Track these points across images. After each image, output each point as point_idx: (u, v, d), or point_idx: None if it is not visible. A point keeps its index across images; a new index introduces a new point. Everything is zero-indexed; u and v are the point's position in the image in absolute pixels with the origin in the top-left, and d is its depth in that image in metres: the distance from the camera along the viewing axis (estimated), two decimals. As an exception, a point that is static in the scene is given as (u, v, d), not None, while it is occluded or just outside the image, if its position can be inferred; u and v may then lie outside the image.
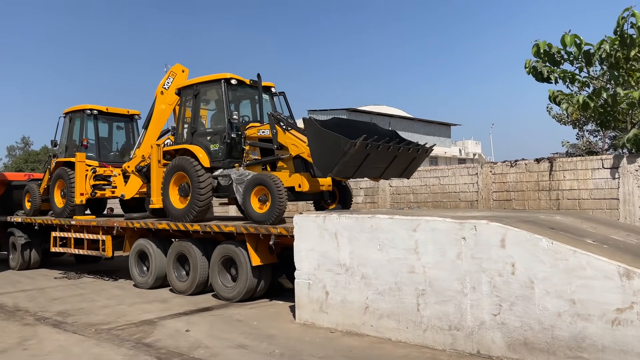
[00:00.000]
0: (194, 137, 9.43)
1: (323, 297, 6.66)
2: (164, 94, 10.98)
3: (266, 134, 8.65)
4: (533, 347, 4.99)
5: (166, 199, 9.51)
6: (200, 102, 9.58)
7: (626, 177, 8.33)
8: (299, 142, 8.14)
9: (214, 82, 9.35)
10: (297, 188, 8.21)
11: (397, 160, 7.52)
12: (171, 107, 11.00)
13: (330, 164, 6.90)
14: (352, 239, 6.44)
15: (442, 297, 5.63)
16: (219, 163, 8.97)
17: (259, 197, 8.11)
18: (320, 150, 7.08)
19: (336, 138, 6.78)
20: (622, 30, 8.58)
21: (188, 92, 9.78)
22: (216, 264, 8.66)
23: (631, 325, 4.46)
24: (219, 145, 9.12)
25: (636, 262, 4.74)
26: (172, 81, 10.93)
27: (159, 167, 10.11)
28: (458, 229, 5.57)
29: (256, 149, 8.97)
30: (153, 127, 11.12)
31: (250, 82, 9.44)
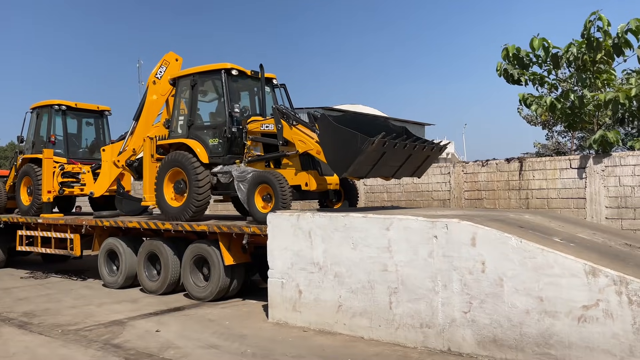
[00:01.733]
0: (190, 130, 8.87)
1: (296, 296, 6.65)
2: (156, 83, 10.39)
3: (270, 129, 8.12)
4: (502, 344, 5.07)
5: (160, 197, 8.97)
6: (197, 94, 9.01)
7: (593, 177, 8.56)
8: (307, 138, 7.67)
9: (213, 72, 8.80)
10: (304, 187, 7.77)
11: (411, 158, 7.18)
12: (164, 97, 10.34)
13: (346, 162, 6.52)
14: (325, 237, 6.44)
15: (414, 295, 5.68)
16: (219, 159, 8.51)
17: (263, 196, 7.71)
18: (334, 148, 6.69)
19: (352, 135, 6.39)
20: (589, 34, 8.81)
21: (184, 82, 9.19)
22: (188, 263, 8.55)
23: (597, 322, 4.57)
24: (218, 140, 8.58)
25: (602, 261, 4.86)
26: (165, 70, 10.35)
27: (152, 162, 9.60)
28: (430, 228, 5.62)
29: (258, 144, 8.42)
30: (144, 119, 10.50)
31: (252, 73, 8.93)
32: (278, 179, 7.45)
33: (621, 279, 4.46)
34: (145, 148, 9.73)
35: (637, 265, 5.11)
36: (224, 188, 8.48)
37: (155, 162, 9.58)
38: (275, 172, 7.65)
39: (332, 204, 8.92)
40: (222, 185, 8.43)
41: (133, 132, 10.55)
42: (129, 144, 10.60)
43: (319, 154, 7.35)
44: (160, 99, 10.41)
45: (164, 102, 10.35)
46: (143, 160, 9.81)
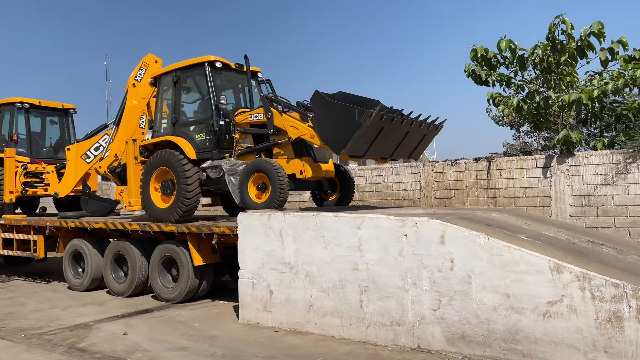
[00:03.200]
0: (175, 127, 8.55)
1: (267, 296, 6.60)
2: (136, 86, 10.09)
3: (260, 119, 7.85)
4: (470, 340, 5.15)
5: (147, 199, 8.55)
6: (181, 90, 8.67)
7: (557, 176, 8.77)
8: (298, 123, 7.46)
9: (196, 67, 8.46)
10: (299, 175, 7.46)
11: (408, 137, 6.97)
12: (145, 100, 10.08)
13: (343, 139, 6.29)
14: (297, 237, 6.42)
15: (384, 293, 5.71)
16: (207, 154, 8.15)
17: (257, 185, 7.42)
18: (330, 125, 6.50)
19: (349, 109, 6.23)
20: (553, 37, 9.04)
21: (166, 79, 8.89)
22: (156, 264, 8.40)
23: (561, 317, 4.68)
24: (205, 135, 8.27)
25: (566, 257, 4.99)
26: (144, 72, 10.07)
27: (135, 165, 9.26)
28: (400, 226, 5.66)
29: (248, 136, 8.19)
30: (125, 123, 10.19)
31: (236, 65, 8.62)
32: (274, 166, 7.19)
33: (584, 275, 4.58)
34: (128, 151, 9.39)
35: (599, 261, 5.26)
36: (213, 184, 8.11)
37: (139, 165, 9.24)
38: (271, 160, 7.40)
39: (327, 196, 8.64)
40: (212, 181, 8.06)
41: (114, 137, 10.24)
42: (110, 150, 10.23)
43: (312, 138, 7.16)
44: (141, 102, 10.15)
45: (145, 105, 10.10)
46: (127, 164, 9.47)
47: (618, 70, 8.94)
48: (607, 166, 8.28)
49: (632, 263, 5.66)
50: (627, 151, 8.14)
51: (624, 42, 8.86)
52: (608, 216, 8.29)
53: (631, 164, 8.06)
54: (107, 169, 10.16)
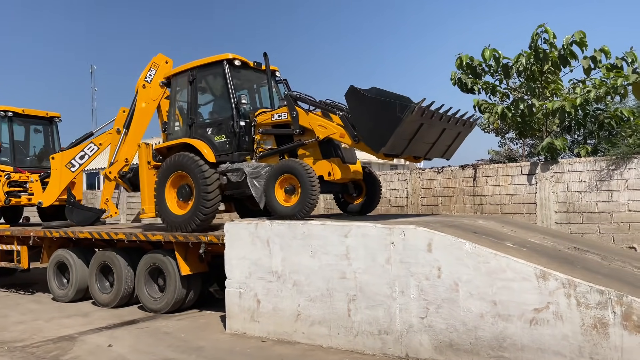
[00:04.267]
0: (192, 130, 8.09)
1: (254, 305, 6.56)
2: (146, 87, 9.67)
3: (283, 118, 7.41)
4: (458, 348, 5.15)
5: (162, 206, 8.07)
6: (197, 90, 8.22)
7: (542, 182, 8.86)
8: (327, 122, 7.03)
9: (213, 65, 8.04)
10: (327, 177, 7.03)
11: (444, 134, 6.67)
12: (155, 102, 9.72)
13: (383, 136, 5.95)
14: (284, 246, 6.39)
15: (372, 301, 5.70)
16: (227, 157, 7.70)
17: (286, 188, 6.95)
18: (369, 122, 6.15)
19: (390, 104, 5.90)
20: (536, 46, 9.17)
21: (180, 79, 8.47)
22: (142, 274, 8.31)
23: (547, 324, 4.71)
24: (225, 137, 7.80)
25: (551, 264, 5.02)
26: (154, 73, 9.65)
27: (149, 170, 8.85)
28: (387, 234, 5.67)
29: (270, 137, 7.65)
30: (136, 126, 9.79)
31: (254, 64, 8.22)
32: (305, 167, 6.74)
33: (570, 282, 4.62)
34: (141, 155, 8.98)
35: (584, 268, 5.31)
36: (235, 188, 7.58)
37: (152, 170, 8.83)
38: (300, 161, 6.94)
39: (352, 199, 8.27)
40: (233, 185, 7.51)
41: (124, 141, 9.86)
42: (120, 154, 9.79)
43: (343, 137, 6.83)
44: (152, 104, 9.77)
45: (156, 107, 9.79)
46: (139, 169, 9.04)
47: (600, 79, 9.08)
48: (590, 173, 8.39)
49: (617, 269, 5.71)
50: (610, 158, 8.25)
51: (606, 50, 9.01)
52: (592, 222, 8.39)
53: (614, 170, 8.17)
54: (118, 175, 9.71)
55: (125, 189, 9.87)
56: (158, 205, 8.22)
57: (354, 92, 6.24)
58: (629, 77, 8.53)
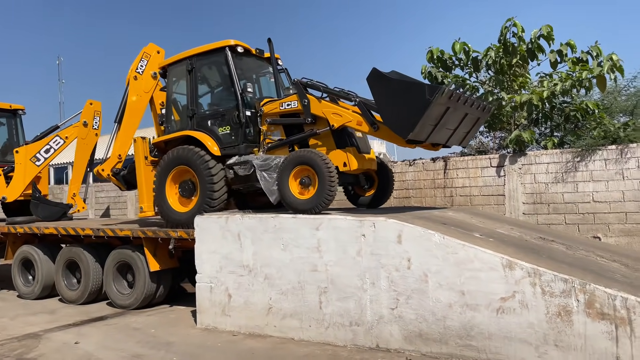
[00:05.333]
0: (193, 121, 7.68)
1: (225, 300, 6.51)
2: (137, 79, 9.11)
3: (293, 107, 7.02)
4: (427, 337, 5.21)
5: (163, 203, 7.64)
6: (197, 79, 7.79)
7: (511, 174, 9.01)
8: (342, 110, 6.70)
9: (215, 52, 7.61)
10: (342, 167, 6.66)
11: (465, 120, 6.38)
12: (148, 94, 9.16)
13: (411, 120, 5.62)
14: (255, 239, 6.35)
15: (343, 293, 5.72)
16: (233, 149, 7.31)
17: (301, 180, 6.57)
18: (395, 106, 5.77)
19: (418, 86, 5.62)
20: (505, 39, 9.29)
21: (177, 69, 8.02)
22: (111, 270, 8.15)
23: (513, 313, 4.80)
24: (230, 128, 7.40)
25: (518, 254, 5.12)
26: (146, 64, 9.12)
27: (146, 165, 8.42)
28: (358, 227, 5.69)
29: (277, 127, 7.26)
30: (128, 121, 9.19)
31: (256, 51, 7.82)
32: (322, 157, 6.36)
33: (535, 271, 4.71)
34: (137, 150, 8.49)
35: (549, 257, 5.42)
36: (242, 182, 7.21)
37: (149, 166, 8.40)
38: (317, 151, 6.52)
39: (363, 192, 7.94)
40: (241, 178, 7.15)
41: (116, 136, 9.29)
42: (113, 151, 9.22)
43: (360, 125, 6.52)
44: (144, 97, 9.20)
45: (149, 99, 9.24)
46: (135, 165, 8.55)
47: (567, 72, 9.27)
48: (557, 165, 8.57)
49: (581, 258, 5.86)
50: (575, 150, 8.44)
51: (572, 44, 9.19)
52: (559, 213, 8.57)
53: (579, 162, 8.36)
54: (111, 172, 9.18)
55: (119, 188, 9.35)
56: (158, 202, 7.78)
57: (377, 75, 5.90)
58: (593, 70, 8.72)
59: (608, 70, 8.61)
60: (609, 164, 8.16)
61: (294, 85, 7.07)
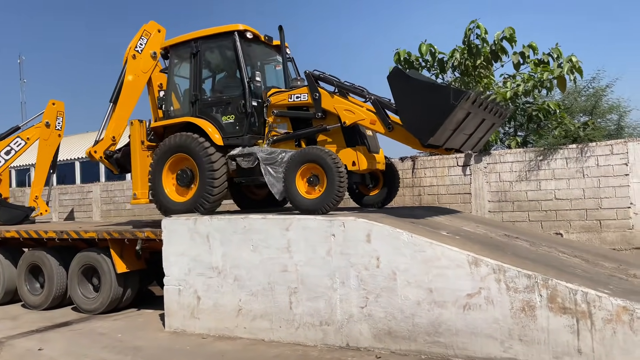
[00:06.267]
0: (195, 107, 7.29)
1: (194, 302, 6.44)
2: (136, 58, 8.53)
3: (303, 100, 6.74)
4: (396, 335, 5.28)
5: (159, 191, 7.27)
6: (201, 63, 7.40)
7: (476, 174, 9.21)
8: (355, 107, 6.44)
9: (222, 36, 7.24)
10: (351, 166, 6.44)
11: (482, 125, 6.22)
12: (146, 75, 8.63)
13: (432, 124, 5.44)
14: (224, 240, 6.31)
15: (313, 293, 5.73)
16: (236, 140, 6.98)
17: (308, 178, 6.31)
18: (416, 108, 5.59)
19: (443, 89, 5.46)
20: (469, 41, 9.49)
21: (180, 51, 7.61)
22: (75, 274, 7.96)
23: (479, 309, 4.91)
24: (234, 117, 7.05)
25: (483, 251, 5.23)
26: (146, 42, 8.59)
27: (142, 150, 7.95)
28: (328, 226, 5.71)
29: (284, 120, 6.95)
30: (124, 101, 8.57)
31: (265, 38, 7.50)
32: (331, 156, 6.11)
33: (500, 267, 4.83)
34: (133, 133, 8.04)
35: (514, 254, 5.57)
36: (245, 175, 6.92)
37: (145, 151, 7.96)
38: (327, 149, 6.28)
39: (368, 191, 7.72)
40: (244, 171, 6.85)
41: (110, 117, 8.63)
42: (107, 132, 8.61)
43: (373, 124, 6.29)
44: (142, 77, 8.66)
45: (147, 80, 8.69)
46: (131, 149, 8.09)
47: (529, 73, 9.53)
48: (520, 163, 8.79)
49: (543, 254, 6.04)
50: (538, 149, 8.68)
51: (534, 46, 9.46)
52: (522, 210, 8.80)
53: (542, 161, 8.61)
54: (103, 155, 8.57)
55: (112, 171, 8.83)
56: (153, 190, 7.39)
57: (400, 74, 5.75)
58: (554, 71, 8.99)
59: (568, 71, 8.90)
60: (569, 162, 8.42)
61: (305, 77, 6.75)
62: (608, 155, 8.19)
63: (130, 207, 13.22)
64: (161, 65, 8.48)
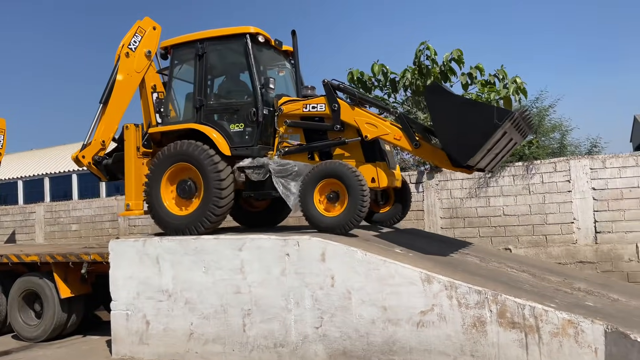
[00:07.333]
0: (200, 113, 6.76)
1: (143, 327, 6.20)
2: (129, 56, 7.85)
3: (320, 110, 6.41)
4: (351, 355, 5.25)
5: (156, 203, 6.68)
6: (207, 66, 6.89)
7: (429, 190, 9.39)
8: (379, 121, 6.16)
9: (232, 38, 6.80)
10: (370, 183, 6.13)
11: (508, 145, 5.90)
12: (140, 75, 7.93)
13: (472, 145, 5.15)
14: (175, 262, 6.13)
15: (267, 315, 5.64)
16: (245, 150, 6.52)
17: (328, 195, 6.01)
18: (455, 127, 5.27)
19: (487, 109, 5.16)
20: (419, 62, 9.76)
21: (183, 52, 7.10)
22: (16, 300, 7.55)
23: (433, 326, 4.95)
24: (243, 126, 6.60)
25: (436, 268, 5.30)
26: (140, 40, 7.96)
27: (137, 157, 7.39)
28: (282, 246, 5.66)
29: (296, 131, 6.60)
30: (115, 102, 7.84)
31: (275, 43, 7.10)
32: (354, 172, 5.80)
33: (451, 284, 4.90)
34: (128, 139, 7.44)
35: (465, 270, 5.67)
36: (255, 188, 6.53)
37: (141, 158, 7.41)
38: (348, 164, 5.95)
39: (378, 208, 7.43)
40: (253, 184, 6.47)
41: (100, 119, 7.87)
42: (95, 135, 7.87)
43: (398, 140, 6.05)
44: (135, 77, 7.95)
45: (140, 80, 7.97)
46: (125, 155, 7.48)
47: (476, 93, 9.87)
48: (470, 181, 9.04)
49: (493, 270, 6.18)
50: (486, 167, 8.95)
51: (481, 68, 9.83)
52: (473, 227, 9.03)
53: (490, 178, 8.88)
54: (92, 160, 7.82)
55: (99, 178, 8.15)
56: (150, 202, 6.78)
57: (439, 90, 5.52)
58: (500, 92, 9.35)
59: (513, 92, 9.28)
60: (516, 179, 8.73)
61: (324, 87, 6.43)
62: (552, 173, 8.54)
63: (77, 228, 12.72)
64: (155, 66, 7.99)
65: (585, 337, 4.37)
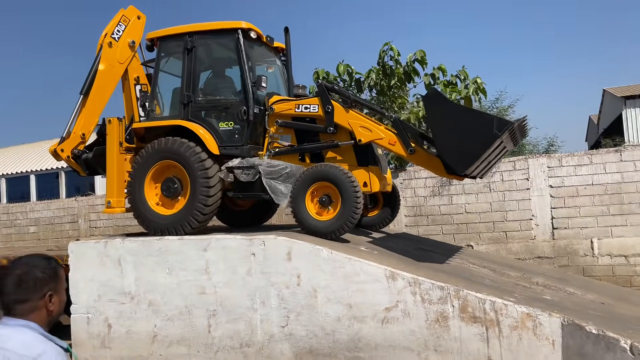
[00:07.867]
0: (187, 110, 6.55)
1: (105, 330, 6.07)
2: (112, 46, 7.43)
3: (312, 111, 6.29)
4: (318, 353, 5.27)
5: (139, 201, 6.50)
6: (196, 61, 6.69)
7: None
8: (372, 124, 6.09)
9: (223, 33, 6.63)
10: (362, 187, 6.00)
11: (502, 152, 5.92)
12: (122, 65, 7.54)
13: (471, 154, 5.12)
14: (138, 264, 6.02)
15: (233, 315, 5.60)
16: (235, 149, 6.38)
17: (320, 198, 5.94)
18: (454, 136, 5.22)
19: (486, 118, 5.14)
20: (383, 62, 9.88)
21: (171, 44, 6.88)
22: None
23: (397, 322, 5.03)
24: (233, 125, 6.43)
25: (400, 265, 5.39)
26: (124, 29, 7.56)
27: (120, 153, 7.07)
28: (248, 245, 5.63)
29: (287, 131, 6.47)
30: (96, 94, 7.44)
31: (267, 39, 6.91)
32: (348, 175, 5.73)
33: (415, 280, 4.99)
34: (111, 133, 7.10)
35: (428, 267, 5.78)
36: (244, 189, 6.37)
37: (124, 153, 7.11)
38: (341, 167, 5.87)
39: (367, 211, 7.37)
40: (242, 185, 6.31)
41: (80, 111, 7.49)
42: (75, 128, 7.46)
43: (392, 145, 5.97)
44: (118, 68, 7.57)
45: (122, 72, 7.59)
46: (107, 151, 7.16)
47: (439, 94, 10.05)
48: (433, 179, 9.21)
49: (456, 266, 6.32)
50: (449, 165, 9.14)
51: (443, 68, 10.01)
52: (436, 224, 9.20)
53: (453, 177, 9.06)
54: (71, 154, 7.45)
55: (77, 173, 7.76)
56: (133, 200, 6.59)
57: (438, 97, 5.50)
58: (461, 92, 9.56)
59: (474, 92, 9.49)
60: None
61: (318, 87, 6.39)
62: (511, 171, 8.79)
63: (35, 230, 12.33)
64: (139, 57, 7.68)
65: (543, 330, 4.52)
